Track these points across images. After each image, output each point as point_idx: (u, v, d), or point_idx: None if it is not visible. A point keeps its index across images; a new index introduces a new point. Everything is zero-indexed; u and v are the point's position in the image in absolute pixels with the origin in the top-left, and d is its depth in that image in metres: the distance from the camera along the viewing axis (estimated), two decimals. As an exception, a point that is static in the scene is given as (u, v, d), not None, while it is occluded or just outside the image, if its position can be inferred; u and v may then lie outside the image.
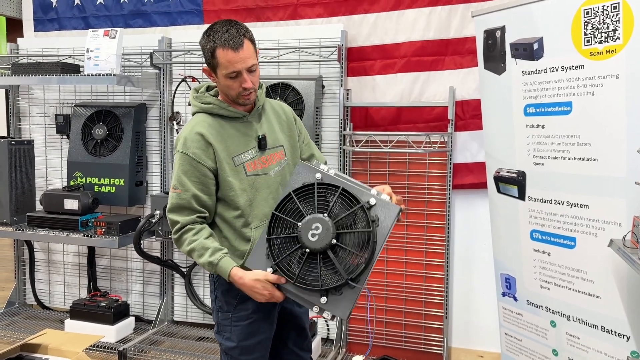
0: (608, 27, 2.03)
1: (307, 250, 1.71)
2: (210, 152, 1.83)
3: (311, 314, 2.12)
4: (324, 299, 1.71)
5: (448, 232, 3.24)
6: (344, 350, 3.40)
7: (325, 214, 1.72)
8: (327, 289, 1.70)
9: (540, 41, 2.27)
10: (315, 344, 3.20)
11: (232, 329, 1.92)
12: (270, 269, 1.76)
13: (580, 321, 2.32)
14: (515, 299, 2.64)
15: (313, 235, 1.70)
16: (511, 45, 2.41)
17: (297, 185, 1.80)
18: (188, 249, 1.83)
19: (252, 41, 1.84)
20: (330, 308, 1.71)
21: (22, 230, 3.48)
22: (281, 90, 3.19)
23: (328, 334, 3.49)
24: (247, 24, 3.87)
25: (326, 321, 3.47)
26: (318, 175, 1.81)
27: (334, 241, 1.70)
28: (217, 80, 1.86)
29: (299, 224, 1.72)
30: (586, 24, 2.10)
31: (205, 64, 1.87)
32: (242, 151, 1.88)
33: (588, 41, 2.10)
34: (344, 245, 1.70)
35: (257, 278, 1.76)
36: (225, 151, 1.85)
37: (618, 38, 2.01)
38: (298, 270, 1.72)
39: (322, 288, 1.70)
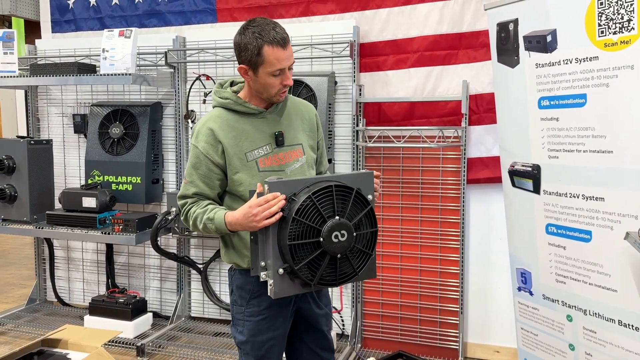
0: (622, 18, 2.00)
1: (328, 254, 1.69)
2: (219, 149, 1.86)
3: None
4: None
5: (463, 227, 3.22)
6: (359, 345, 3.40)
7: (343, 218, 1.70)
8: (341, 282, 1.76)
9: (553, 33, 2.25)
10: (331, 339, 3.21)
11: (245, 323, 1.93)
12: (281, 270, 1.69)
13: (597, 315, 2.29)
14: (531, 294, 2.62)
15: (335, 240, 1.69)
16: (524, 37, 2.39)
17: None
18: (192, 221, 1.87)
19: None
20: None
21: (42, 228, 3.54)
22: (294, 86, 3.20)
23: (343, 329, 3.50)
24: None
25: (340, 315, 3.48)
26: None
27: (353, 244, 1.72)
28: (253, 79, 1.83)
29: (323, 230, 1.67)
30: (600, 14, 2.07)
31: (240, 63, 1.83)
32: (255, 147, 1.89)
33: (602, 32, 2.07)
34: (360, 247, 1.75)
35: (247, 204, 1.70)
36: (236, 147, 1.87)
37: (633, 28, 1.98)
38: (318, 272, 1.70)
39: (338, 282, 1.74)
